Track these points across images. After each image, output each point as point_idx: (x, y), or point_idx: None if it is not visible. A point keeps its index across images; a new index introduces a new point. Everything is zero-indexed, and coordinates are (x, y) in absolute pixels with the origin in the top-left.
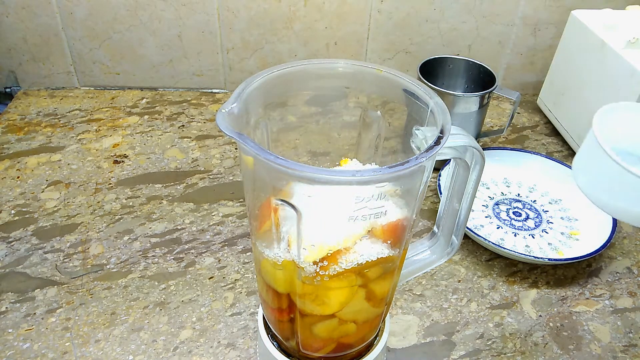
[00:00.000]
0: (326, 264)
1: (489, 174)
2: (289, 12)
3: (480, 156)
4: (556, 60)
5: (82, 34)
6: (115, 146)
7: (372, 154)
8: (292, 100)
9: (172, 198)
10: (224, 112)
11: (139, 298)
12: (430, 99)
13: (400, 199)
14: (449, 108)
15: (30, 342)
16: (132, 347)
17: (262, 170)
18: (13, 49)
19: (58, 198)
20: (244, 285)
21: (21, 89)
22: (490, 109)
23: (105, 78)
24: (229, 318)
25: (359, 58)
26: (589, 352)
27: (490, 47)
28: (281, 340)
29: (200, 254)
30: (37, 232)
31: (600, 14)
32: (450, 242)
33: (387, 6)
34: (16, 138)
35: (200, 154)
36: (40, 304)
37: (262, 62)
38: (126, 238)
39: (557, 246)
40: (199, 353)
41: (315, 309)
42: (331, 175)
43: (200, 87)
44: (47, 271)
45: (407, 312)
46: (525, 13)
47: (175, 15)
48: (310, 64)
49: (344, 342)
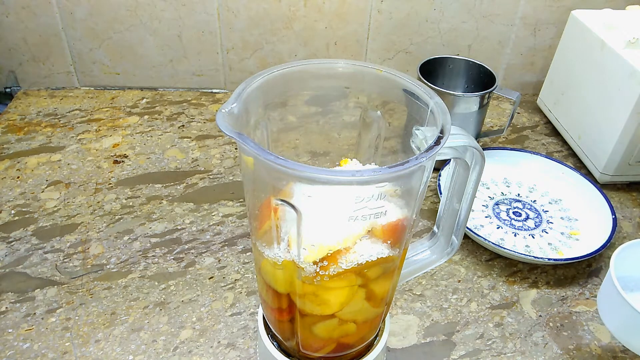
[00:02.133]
0: (326, 264)
1: (489, 174)
2: (289, 12)
3: (480, 156)
4: (556, 60)
5: (82, 34)
6: (115, 146)
7: (372, 154)
8: (292, 100)
9: (172, 198)
10: (224, 112)
11: (139, 298)
12: (430, 99)
13: (400, 199)
14: (449, 108)
15: (30, 342)
16: (132, 347)
17: (262, 170)
18: (13, 49)
19: (58, 198)
20: (244, 285)
21: (21, 89)
22: (490, 109)
23: (105, 78)
24: (229, 318)
25: (359, 58)
26: (589, 352)
27: (490, 47)
28: (281, 340)
29: (200, 254)
30: (37, 232)
31: (600, 14)
32: (450, 242)
33: (387, 6)
34: (16, 138)
35: (200, 154)
36: (40, 304)
37: (262, 62)
38: (126, 238)
39: (557, 246)
40: (199, 353)
41: (315, 309)
42: (331, 175)
43: (200, 87)
44: (47, 271)
45: (407, 312)
46: (525, 13)
47: (175, 15)
48: (310, 64)
49: (344, 342)
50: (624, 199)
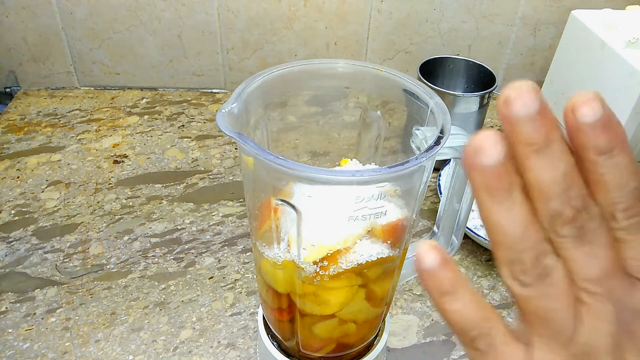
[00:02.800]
0: (326, 264)
1: None
2: (289, 12)
3: None
4: (556, 60)
5: (82, 34)
6: (115, 146)
7: (372, 154)
8: (292, 100)
9: (172, 198)
10: (224, 112)
11: (139, 298)
12: (430, 99)
13: (400, 199)
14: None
15: (30, 342)
16: (132, 347)
17: (262, 170)
18: (13, 49)
19: (58, 198)
20: (244, 285)
21: (21, 89)
22: (490, 109)
23: (105, 78)
24: (229, 318)
25: (359, 58)
26: None
27: (490, 47)
28: (281, 340)
29: (200, 254)
30: (37, 232)
31: (600, 14)
32: (450, 242)
33: (387, 6)
34: (16, 138)
35: (200, 154)
36: (40, 304)
37: (262, 62)
38: (126, 238)
39: None
40: (199, 353)
41: (315, 309)
42: (331, 175)
43: (200, 87)
44: (47, 271)
45: (407, 312)
46: (525, 13)
47: (175, 15)
48: (310, 64)
49: (344, 342)
50: None
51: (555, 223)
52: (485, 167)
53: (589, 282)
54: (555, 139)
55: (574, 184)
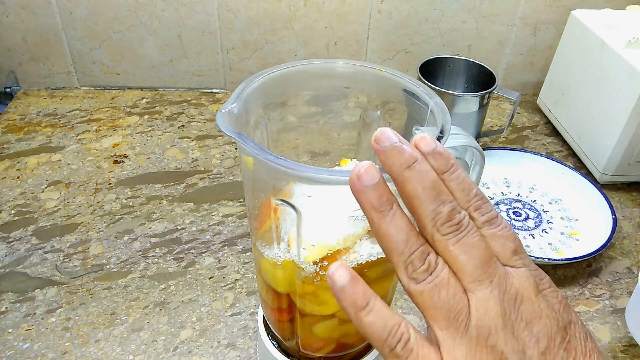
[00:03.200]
0: (326, 264)
1: (489, 174)
2: (289, 12)
3: (480, 156)
4: (556, 60)
5: (82, 34)
6: (115, 146)
7: (372, 154)
8: (292, 100)
9: (172, 198)
10: (223, 112)
11: (139, 298)
12: (430, 99)
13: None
14: (449, 108)
15: (30, 342)
16: (132, 347)
17: (262, 170)
18: (13, 49)
19: (58, 198)
20: (244, 285)
21: (21, 89)
22: (490, 109)
23: (105, 78)
24: (229, 318)
25: (359, 58)
26: None
27: (490, 47)
28: (281, 340)
29: (200, 254)
30: (37, 232)
31: (600, 14)
32: None
33: (387, 6)
34: (16, 138)
35: (200, 154)
36: (40, 304)
37: (262, 62)
38: (126, 238)
39: (557, 246)
40: (199, 353)
41: (315, 309)
42: (331, 175)
43: (200, 87)
44: (47, 271)
45: (407, 312)
46: (525, 13)
47: (175, 15)
48: (310, 64)
49: (344, 342)
50: (624, 199)
51: (437, 222)
52: (367, 186)
53: (472, 271)
54: (419, 160)
55: (442, 191)
